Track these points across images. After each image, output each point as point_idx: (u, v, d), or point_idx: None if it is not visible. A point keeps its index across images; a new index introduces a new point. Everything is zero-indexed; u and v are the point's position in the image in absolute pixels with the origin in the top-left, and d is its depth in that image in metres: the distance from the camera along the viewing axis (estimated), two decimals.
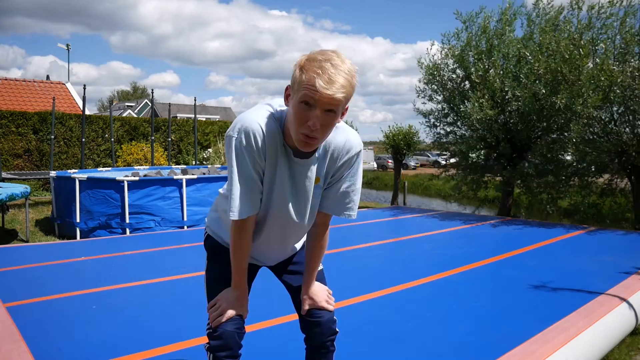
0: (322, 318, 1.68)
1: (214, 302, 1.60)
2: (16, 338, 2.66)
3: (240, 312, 1.58)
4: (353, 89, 1.33)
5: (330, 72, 1.27)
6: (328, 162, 1.53)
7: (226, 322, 1.55)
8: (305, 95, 1.29)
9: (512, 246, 5.60)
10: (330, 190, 1.59)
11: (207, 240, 1.78)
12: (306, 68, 1.30)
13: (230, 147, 1.43)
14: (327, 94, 1.27)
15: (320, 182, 1.56)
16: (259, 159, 1.43)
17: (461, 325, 3.03)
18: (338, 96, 1.29)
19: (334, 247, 5.33)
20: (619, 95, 7.12)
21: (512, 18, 8.65)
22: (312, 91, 1.28)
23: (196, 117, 13.30)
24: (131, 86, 66.32)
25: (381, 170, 32.94)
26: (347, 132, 1.53)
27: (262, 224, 1.60)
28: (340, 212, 1.62)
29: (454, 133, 9.62)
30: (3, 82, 16.44)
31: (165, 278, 4.12)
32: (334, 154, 1.52)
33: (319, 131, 1.33)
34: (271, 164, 1.46)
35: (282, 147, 1.46)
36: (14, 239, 6.81)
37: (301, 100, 1.31)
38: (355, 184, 1.60)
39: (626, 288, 3.71)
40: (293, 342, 1.78)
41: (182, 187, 7.01)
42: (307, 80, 1.29)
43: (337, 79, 1.28)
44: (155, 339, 2.72)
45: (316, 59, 1.30)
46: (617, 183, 8.49)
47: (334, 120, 1.35)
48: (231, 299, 1.58)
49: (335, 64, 1.29)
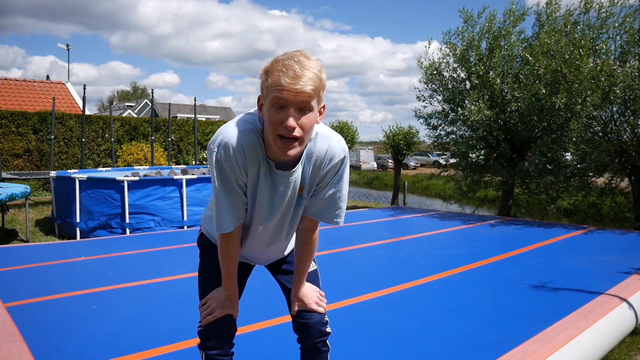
0: (310, 320, 1.67)
1: (204, 301, 1.61)
2: (16, 338, 2.66)
3: (230, 311, 1.59)
4: (322, 81, 1.30)
5: (294, 67, 1.25)
6: (312, 171, 1.50)
7: (217, 321, 1.56)
8: (274, 98, 1.27)
9: (512, 246, 5.60)
10: (316, 197, 1.56)
11: (200, 238, 1.78)
12: (271, 71, 1.29)
13: (211, 160, 1.41)
14: (294, 89, 1.24)
15: (305, 192, 1.53)
16: (240, 173, 1.41)
17: (461, 325, 3.03)
18: (307, 89, 1.25)
19: (334, 247, 5.35)
20: (619, 96, 7.12)
21: (517, 18, 8.63)
22: (280, 90, 1.25)
23: (196, 117, 13.30)
24: (131, 86, 66.40)
25: (381, 170, 32.95)
26: (329, 139, 1.48)
27: (247, 231, 1.60)
28: (328, 219, 1.60)
29: (454, 133, 9.62)
30: (3, 82, 16.43)
31: (165, 278, 4.12)
32: (317, 162, 1.48)
33: (297, 130, 1.29)
34: (253, 177, 1.44)
35: (263, 159, 1.43)
36: (14, 239, 6.81)
37: (272, 104, 1.28)
38: (341, 190, 1.56)
39: (626, 288, 3.72)
40: (292, 342, 1.78)
41: (182, 187, 7.01)
42: (274, 82, 1.27)
43: (303, 73, 1.25)
44: (155, 339, 2.72)
45: (279, 59, 1.29)
46: (617, 183, 8.49)
47: (310, 118, 1.31)
48: (221, 299, 1.59)
49: (299, 60, 1.27)
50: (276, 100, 1.27)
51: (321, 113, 1.38)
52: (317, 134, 1.46)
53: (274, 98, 1.27)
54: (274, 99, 1.27)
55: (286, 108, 1.27)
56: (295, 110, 1.28)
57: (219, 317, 1.56)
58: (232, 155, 1.37)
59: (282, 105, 1.27)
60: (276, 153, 1.37)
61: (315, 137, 1.46)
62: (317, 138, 1.46)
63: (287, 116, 1.27)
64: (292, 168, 1.45)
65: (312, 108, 1.31)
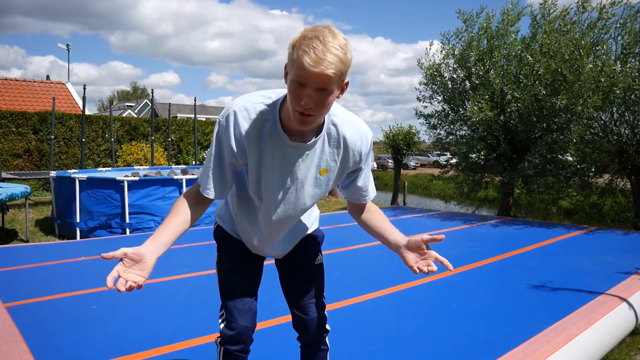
0: (309, 316, 1.70)
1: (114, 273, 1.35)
2: (16, 338, 2.66)
3: (136, 276, 1.37)
4: (345, 64, 1.30)
5: (318, 48, 1.25)
6: (342, 159, 1.52)
7: (242, 317, 1.57)
8: (296, 75, 1.28)
9: (512, 246, 5.60)
10: (355, 182, 1.61)
11: (216, 231, 1.77)
12: (297, 46, 1.29)
13: (214, 129, 1.48)
14: (315, 72, 1.25)
15: (329, 175, 1.53)
16: (237, 145, 1.44)
17: (461, 325, 3.03)
18: (327, 72, 1.26)
19: (334, 247, 5.34)
20: (619, 96, 7.12)
21: (514, 18, 8.64)
22: (302, 70, 1.26)
23: (196, 117, 13.31)
24: (131, 86, 66.43)
25: (381, 170, 32.94)
26: (356, 123, 1.52)
27: (256, 210, 1.59)
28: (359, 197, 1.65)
29: (454, 134, 9.62)
30: (3, 82, 16.43)
31: (165, 278, 4.12)
32: (354, 151, 1.52)
33: (313, 109, 1.31)
34: (258, 149, 1.45)
35: (274, 131, 1.44)
36: (14, 239, 6.81)
37: (293, 80, 1.30)
38: (369, 166, 1.63)
39: (626, 288, 3.72)
40: (292, 342, 1.78)
41: (182, 187, 7.01)
42: (297, 58, 1.27)
43: (325, 57, 1.25)
44: (155, 339, 2.72)
45: (307, 36, 1.28)
46: (617, 183, 8.50)
47: (329, 97, 1.32)
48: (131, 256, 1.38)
49: (325, 40, 1.26)
50: (297, 77, 1.29)
51: (343, 90, 1.39)
52: (345, 122, 1.49)
53: (295, 75, 1.29)
54: (295, 76, 1.29)
55: (306, 86, 1.29)
56: (314, 90, 1.29)
57: (133, 286, 1.34)
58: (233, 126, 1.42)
59: (302, 82, 1.29)
60: (294, 124, 1.38)
61: (342, 123, 1.48)
62: (344, 124, 1.49)
63: (306, 95, 1.29)
64: (307, 141, 1.46)
65: (332, 90, 1.31)
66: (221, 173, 1.49)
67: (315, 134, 1.46)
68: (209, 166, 1.49)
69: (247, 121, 1.42)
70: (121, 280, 1.32)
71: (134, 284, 1.33)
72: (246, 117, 1.42)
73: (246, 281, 1.69)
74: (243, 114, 1.42)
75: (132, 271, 1.35)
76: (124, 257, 1.35)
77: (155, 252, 1.41)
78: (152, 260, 1.39)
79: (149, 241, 1.42)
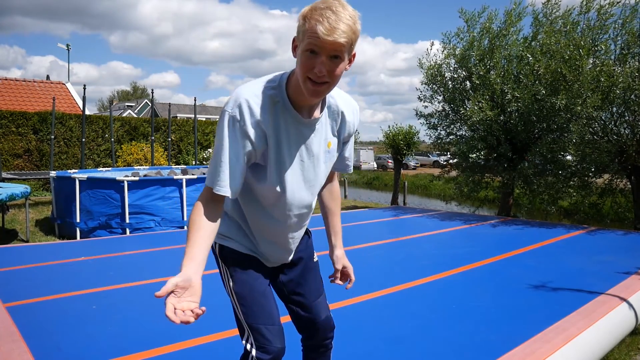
0: (319, 318, 1.69)
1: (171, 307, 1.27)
2: (16, 338, 2.66)
3: (191, 304, 1.30)
4: (355, 33, 1.35)
5: (331, 19, 1.29)
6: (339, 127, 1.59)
7: (276, 338, 1.53)
8: (309, 44, 1.32)
9: (512, 246, 5.60)
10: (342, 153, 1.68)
11: (222, 252, 1.62)
12: (309, 17, 1.32)
13: (222, 122, 1.41)
14: (329, 40, 1.29)
15: (333, 146, 1.59)
16: (255, 133, 1.41)
17: (461, 325, 3.03)
18: (340, 40, 1.30)
19: None
20: (619, 96, 7.12)
21: (516, 19, 8.63)
22: (315, 38, 1.30)
23: (196, 117, 13.30)
24: (131, 86, 66.47)
25: (381, 170, 32.95)
26: (345, 96, 1.61)
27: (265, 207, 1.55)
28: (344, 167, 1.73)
29: (454, 134, 9.62)
30: (3, 82, 16.43)
31: (165, 278, 4.09)
32: (349, 122, 1.60)
33: (326, 77, 1.35)
34: (275, 132, 1.45)
35: (285, 111, 1.45)
36: (14, 239, 6.81)
37: (306, 49, 1.33)
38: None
39: (626, 288, 3.72)
40: (292, 342, 1.78)
41: (182, 187, 7.01)
42: (310, 28, 1.31)
43: (338, 25, 1.29)
44: (155, 339, 2.72)
45: (318, 7, 1.32)
46: (617, 183, 8.49)
47: (340, 65, 1.36)
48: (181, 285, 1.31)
49: (337, 10, 1.31)
50: (310, 46, 1.32)
51: (351, 61, 1.43)
52: (336, 95, 1.56)
53: (308, 44, 1.32)
54: (308, 45, 1.32)
55: (319, 55, 1.32)
56: (327, 57, 1.32)
57: (196, 315, 1.28)
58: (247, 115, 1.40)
59: (315, 51, 1.32)
60: (305, 96, 1.40)
61: (337, 96, 1.56)
62: (338, 97, 1.56)
63: (319, 63, 1.32)
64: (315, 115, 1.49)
65: (344, 58, 1.36)
66: (237, 166, 1.42)
67: (320, 109, 1.51)
68: (220, 162, 1.41)
69: (260, 107, 1.41)
70: (179, 312, 1.26)
71: (200, 312, 1.29)
72: (259, 104, 1.41)
73: (271, 299, 1.61)
74: (255, 100, 1.41)
75: (184, 299, 1.30)
76: (174, 288, 1.30)
77: (197, 273, 1.36)
78: (199, 283, 1.35)
79: (186, 263, 1.36)
